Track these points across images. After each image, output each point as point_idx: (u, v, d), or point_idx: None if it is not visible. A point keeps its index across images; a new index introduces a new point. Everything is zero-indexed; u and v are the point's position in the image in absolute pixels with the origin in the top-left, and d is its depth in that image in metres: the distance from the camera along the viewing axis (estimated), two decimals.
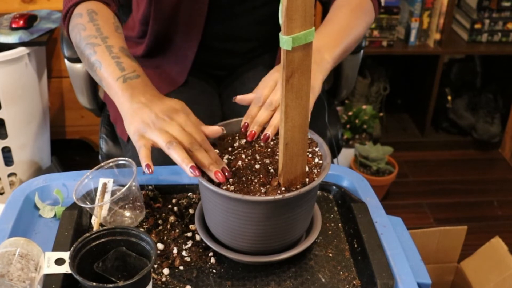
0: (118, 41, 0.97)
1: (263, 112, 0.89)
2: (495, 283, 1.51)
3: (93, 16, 1.01)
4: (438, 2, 2.30)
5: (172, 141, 0.82)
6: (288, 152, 0.79)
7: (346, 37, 1.04)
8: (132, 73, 0.92)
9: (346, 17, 1.07)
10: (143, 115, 0.86)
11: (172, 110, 0.86)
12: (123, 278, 0.79)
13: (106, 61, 0.94)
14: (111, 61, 0.93)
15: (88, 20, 1.00)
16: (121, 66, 0.93)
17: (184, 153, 0.81)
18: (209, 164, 0.81)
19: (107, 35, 0.98)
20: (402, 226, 0.98)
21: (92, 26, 0.99)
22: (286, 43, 0.70)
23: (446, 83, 2.63)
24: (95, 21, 1.00)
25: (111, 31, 0.99)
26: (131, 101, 0.88)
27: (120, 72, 0.92)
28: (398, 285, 0.82)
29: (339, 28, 1.04)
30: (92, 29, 0.98)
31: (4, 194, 2.02)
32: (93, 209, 0.90)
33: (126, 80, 0.91)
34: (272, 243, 0.84)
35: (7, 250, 0.77)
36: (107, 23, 1.01)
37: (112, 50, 0.95)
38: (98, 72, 0.95)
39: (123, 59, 0.94)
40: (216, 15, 1.18)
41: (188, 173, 0.79)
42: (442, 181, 2.40)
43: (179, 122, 0.85)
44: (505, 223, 2.17)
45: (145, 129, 0.85)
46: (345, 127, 2.35)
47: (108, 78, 0.92)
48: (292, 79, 0.74)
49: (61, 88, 2.13)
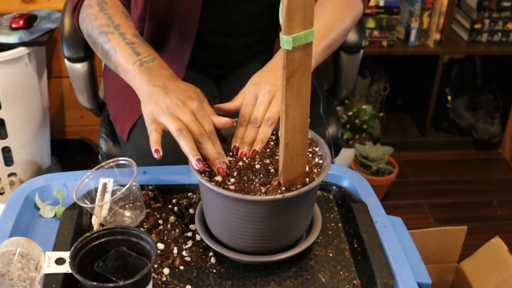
0: (130, 29, 1.00)
1: (250, 131, 0.89)
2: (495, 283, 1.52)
3: (103, 6, 1.03)
4: (438, 2, 2.30)
5: (182, 129, 0.84)
6: (289, 152, 0.79)
7: (330, 33, 1.02)
8: (148, 56, 0.95)
9: (330, 12, 1.05)
10: (158, 99, 0.88)
11: (186, 97, 0.88)
12: (123, 278, 0.79)
13: (121, 47, 0.96)
14: (126, 47, 0.95)
15: (98, 10, 1.02)
16: (136, 51, 0.95)
17: (193, 143, 0.83)
18: (214, 158, 0.84)
19: (119, 23, 1.00)
20: (402, 226, 0.98)
21: (103, 15, 1.01)
22: (287, 43, 0.70)
23: (446, 83, 2.63)
24: (105, 10, 1.02)
25: (122, 19, 1.01)
26: (148, 83, 0.90)
27: (136, 57, 0.94)
28: (398, 285, 0.82)
29: (322, 24, 1.02)
30: (104, 18, 1.00)
31: (4, 194, 2.02)
32: (93, 209, 0.90)
33: (143, 64, 0.93)
34: (272, 243, 0.84)
35: (8, 249, 0.78)
36: (117, 11, 1.02)
37: (126, 37, 0.97)
38: (113, 58, 0.96)
39: (137, 44, 0.96)
40: (211, 10, 1.17)
41: (193, 165, 0.82)
42: (442, 181, 2.40)
43: (191, 109, 0.87)
44: (505, 223, 2.17)
45: (158, 113, 0.87)
46: (345, 127, 2.35)
47: (124, 63, 0.94)
48: (293, 79, 0.74)
49: (61, 88, 2.13)
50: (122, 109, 1.23)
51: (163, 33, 1.21)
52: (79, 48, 1.33)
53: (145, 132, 1.14)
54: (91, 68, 1.36)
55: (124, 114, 1.21)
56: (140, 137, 1.15)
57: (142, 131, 1.15)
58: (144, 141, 1.14)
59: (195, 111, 0.87)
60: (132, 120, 1.18)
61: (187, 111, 0.86)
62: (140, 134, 1.15)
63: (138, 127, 1.16)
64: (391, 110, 2.71)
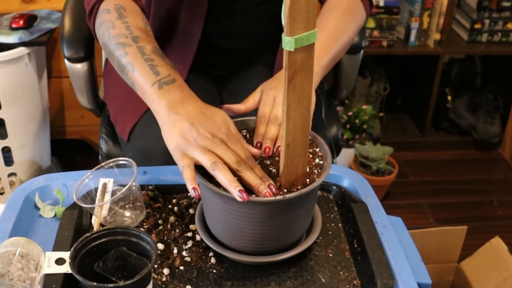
0: (149, 40, 0.94)
1: (271, 128, 0.88)
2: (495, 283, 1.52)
3: (121, 13, 0.96)
4: (438, 2, 2.30)
5: (217, 162, 0.78)
6: (290, 153, 0.79)
7: (335, 45, 1.01)
8: (168, 77, 0.88)
9: (334, 22, 1.04)
10: (183, 130, 0.82)
11: (214, 126, 0.82)
12: (123, 278, 0.79)
13: (139, 64, 0.89)
14: (144, 64, 0.89)
15: (116, 17, 0.96)
16: (155, 70, 0.88)
17: (231, 175, 0.77)
18: (258, 185, 0.78)
19: (138, 34, 0.93)
20: (402, 226, 0.98)
21: (121, 23, 0.94)
22: (289, 44, 0.70)
23: (446, 83, 2.63)
24: (124, 18, 0.96)
25: (141, 29, 0.95)
26: (169, 111, 0.84)
27: (155, 77, 0.87)
28: (398, 285, 0.82)
29: (327, 35, 1.01)
30: (122, 27, 0.94)
31: (4, 194, 2.01)
32: (93, 209, 0.90)
33: (162, 86, 0.87)
34: (272, 243, 0.84)
35: (8, 249, 0.78)
36: (136, 19, 0.96)
37: (145, 52, 0.91)
38: (130, 75, 0.90)
39: (156, 61, 0.90)
40: (216, 13, 1.17)
41: (237, 197, 0.76)
42: (442, 181, 2.40)
43: (222, 139, 0.81)
44: (505, 223, 2.17)
45: (187, 146, 0.81)
46: (345, 127, 2.35)
47: (142, 83, 0.88)
48: (294, 80, 0.74)
49: (61, 88, 2.13)
50: (122, 110, 1.23)
51: (167, 35, 1.21)
52: (79, 48, 1.33)
53: (145, 133, 1.14)
54: (91, 68, 1.36)
55: (124, 115, 1.21)
56: (140, 138, 1.15)
57: (143, 132, 1.15)
58: (144, 143, 1.14)
59: (226, 140, 0.81)
60: (132, 121, 1.18)
61: (217, 142, 0.80)
62: (141, 136, 1.15)
63: (139, 128, 1.16)
64: (391, 110, 2.71)
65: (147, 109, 1.15)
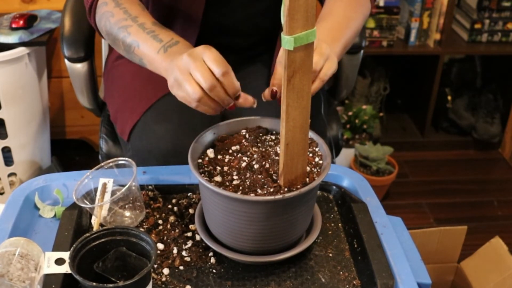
0: (148, 18, 1.00)
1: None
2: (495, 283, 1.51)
3: (118, 1, 1.02)
4: (438, 2, 2.30)
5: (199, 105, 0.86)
6: (289, 152, 0.79)
7: (345, 32, 1.01)
8: (171, 41, 0.94)
9: (342, 11, 1.04)
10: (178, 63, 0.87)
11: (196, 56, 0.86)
12: (123, 278, 0.79)
13: (143, 38, 0.96)
14: (147, 37, 0.95)
15: (114, 6, 1.02)
16: (158, 39, 0.95)
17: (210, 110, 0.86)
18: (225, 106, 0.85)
19: (136, 14, 1.00)
20: (402, 226, 0.98)
21: (119, 10, 1.01)
22: (288, 43, 0.70)
23: (446, 83, 2.63)
24: (121, 5, 1.02)
25: (138, 10, 1.01)
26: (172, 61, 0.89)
27: (159, 44, 0.94)
28: (398, 285, 0.82)
29: (337, 22, 1.01)
30: (120, 13, 1.00)
31: (4, 194, 2.01)
32: (93, 209, 0.90)
33: (167, 50, 0.93)
34: (272, 243, 0.84)
35: (7, 250, 0.77)
36: (133, 4, 1.03)
37: (145, 27, 0.97)
38: (137, 51, 0.96)
39: (158, 31, 0.96)
40: (214, 8, 1.17)
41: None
42: (442, 181, 2.40)
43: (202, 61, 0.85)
44: (505, 223, 2.17)
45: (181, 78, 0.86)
46: (345, 127, 2.35)
47: (149, 53, 0.94)
48: (294, 79, 0.74)
49: (61, 88, 2.13)
50: (122, 110, 1.23)
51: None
52: (79, 48, 1.33)
53: (146, 133, 1.14)
54: (91, 68, 1.36)
55: (124, 114, 1.21)
56: (140, 138, 1.15)
57: (143, 132, 1.15)
58: (144, 143, 1.14)
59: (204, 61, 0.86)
60: (132, 121, 1.18)
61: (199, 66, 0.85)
62: (141, 135, 1.15)
63: (139, 128, 1.16)
64: (391, 110, 2.71)
65: (147, 108, 1.16)
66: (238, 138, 0.91)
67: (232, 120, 0.94)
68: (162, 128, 1.12)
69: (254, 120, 0.94)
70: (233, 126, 0.93)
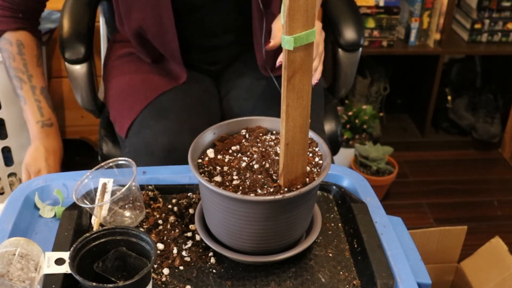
0: (39, 81, 1.24)
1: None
2: (495, 283, 1.51)
3: (21, 50, 1.22)
4: (438, 2, 2.30)
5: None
6: (289, 152, 0.79)
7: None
8: (48, 120, 1.24)
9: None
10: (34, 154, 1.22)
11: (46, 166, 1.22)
12: (123, 278, 0.79)
13: (30, 102, 1.23)
14: (33, 104, 1.23)
15: (17, 52, 1.22)
16: (41, 112, 1.23)
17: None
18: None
19: (32, 73, 1.23)
20: (402, 226, 0.98)
21: (20, 60, 1.22)
22: (288, 43, 0.70)
23: (446, 83, 2.63)
24: (23, 55, 1.23)
25: (34, 68, 1.24)
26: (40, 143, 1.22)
27: (40, 117, 1.23)
28: (398, 285, 0.82)
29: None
30: (20, 64, 1.22)
31: (4, 194, 2.01)
32: (93, 209, 0.90)
33: (44, 126, 1.24)
34: (272, 243, 0.84)
35: (7, 250, 0.77)
36: (32, 58, 1.24)
37: (35, 92, 1.23)
38: (22, 105, 1.23)
39: (43, 103, 1.24)
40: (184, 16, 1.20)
41: None
42: (442, 181, 2.40)
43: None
44: (505, 223, 2.17)
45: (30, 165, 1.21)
46: (345, 127, 2.35)
47: (30, 118, 1.23)
48: (294, 79, 0.74)
49: (61, 88, 2.13)
50: (121, 109, 1.24)
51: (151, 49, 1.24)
52: (78, 49, 1.32)
53: (142, 128, 1.16)
54: (90, 70, 1.35)
55: (123, 113, 1.22)
56: (137, 135, 1.17)
57: (140, 128, 1.16)
58: (140, 140, 1.15)
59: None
60: (130, 118, 1.19)
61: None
62: (138, 132, 1.17)
63: (136, 124, 1.18)
64: (391, 110, 2.71)
65: (145, 106, 1.18)
66: (238, 138, 0.91)
67: (232, 120, 0.94)
68: (159, 124, 1.14)
69: (254, 120, 0.94)
70: (233, 126, 0.93)
